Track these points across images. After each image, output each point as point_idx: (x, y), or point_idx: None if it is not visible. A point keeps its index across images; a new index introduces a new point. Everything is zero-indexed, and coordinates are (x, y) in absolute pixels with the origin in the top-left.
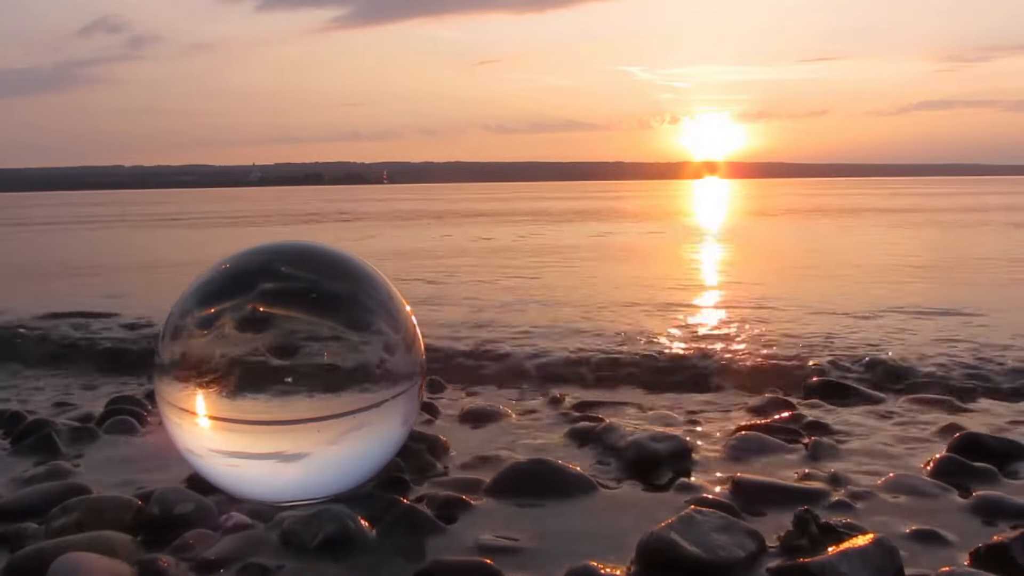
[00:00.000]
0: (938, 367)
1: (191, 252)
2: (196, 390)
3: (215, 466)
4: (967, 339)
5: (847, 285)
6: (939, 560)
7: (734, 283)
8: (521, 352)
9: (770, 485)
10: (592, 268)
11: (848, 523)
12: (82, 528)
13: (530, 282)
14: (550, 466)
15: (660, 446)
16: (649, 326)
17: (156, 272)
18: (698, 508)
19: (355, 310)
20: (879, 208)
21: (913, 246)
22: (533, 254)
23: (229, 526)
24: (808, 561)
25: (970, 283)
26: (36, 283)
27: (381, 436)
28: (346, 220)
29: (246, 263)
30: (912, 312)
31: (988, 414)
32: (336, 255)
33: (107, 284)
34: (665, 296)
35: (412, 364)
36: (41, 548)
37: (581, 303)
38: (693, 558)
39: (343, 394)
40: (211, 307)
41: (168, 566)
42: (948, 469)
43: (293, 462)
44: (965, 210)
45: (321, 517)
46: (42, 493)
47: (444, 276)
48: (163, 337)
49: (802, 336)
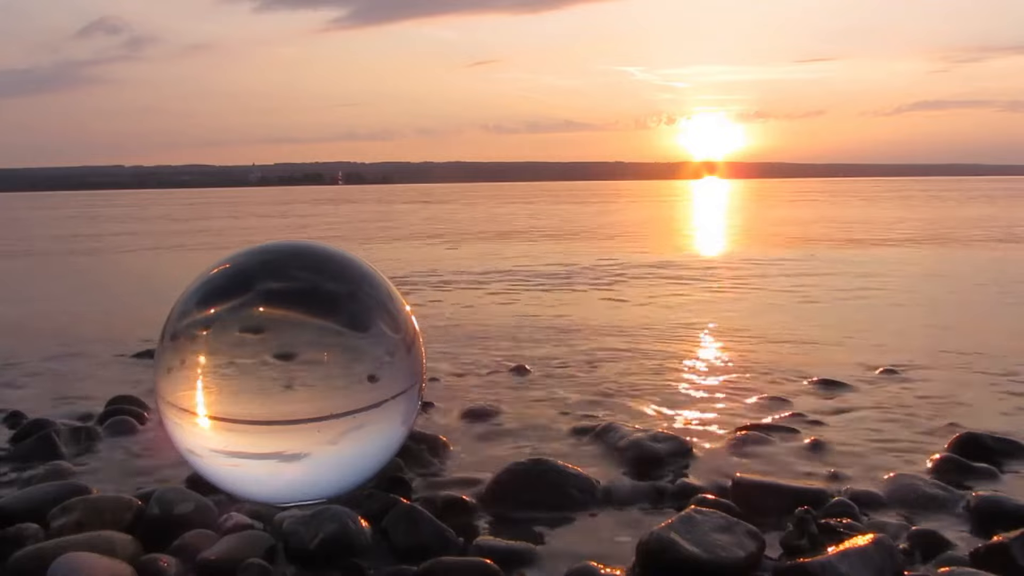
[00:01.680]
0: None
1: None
2: (196, 390)
3: (215, 466)
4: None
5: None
6: (939, 560)
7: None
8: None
9: (770, 485)
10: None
11: (848, 523)
12: (82, 528)
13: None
14: (550, 466)
15: (660, 446)
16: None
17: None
18: (698, 508)
19: (355, 310)
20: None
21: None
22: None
23: (229, 526)
24: (808, 561)
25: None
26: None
27: (381, 436)
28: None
29: (246, 263)
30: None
31: (988, 415)
32: (336, 255)
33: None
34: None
35: (412, 364)
36: (41, 548)
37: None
38: (693, 558)
39: (343, 394)
40: (211, 307)
41: (168, 566)
42: (948, 469)
43: (293, 462)
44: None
45: (321, 517)
46: (42, 493)
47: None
48: (163, 337)
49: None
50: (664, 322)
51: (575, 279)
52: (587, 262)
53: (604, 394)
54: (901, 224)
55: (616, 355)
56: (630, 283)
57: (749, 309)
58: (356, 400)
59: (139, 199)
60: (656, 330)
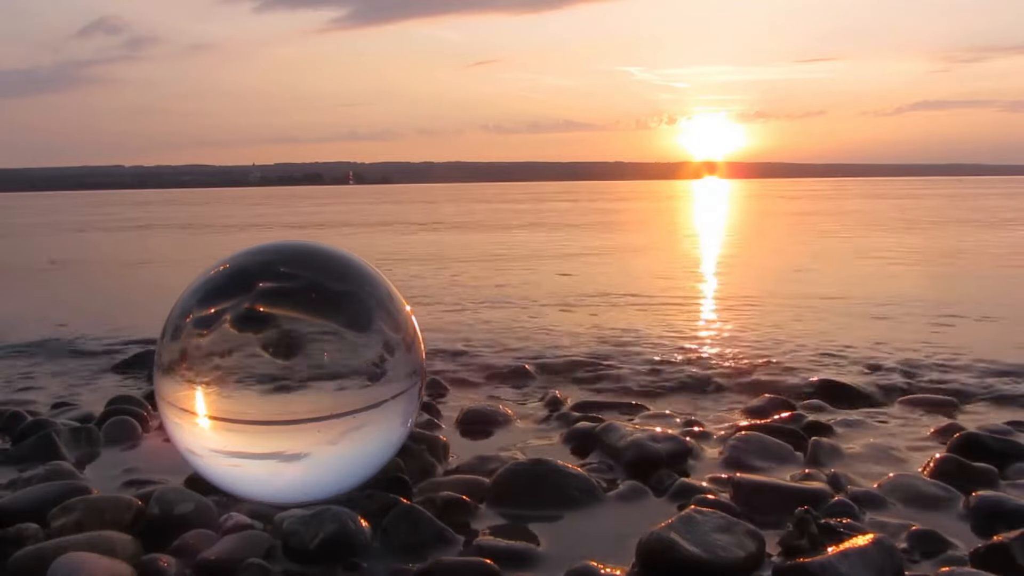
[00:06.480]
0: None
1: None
2: (196, 390)
3: (215, 466)
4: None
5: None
6: (939, 560)
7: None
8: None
9: (770, 485)
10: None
11: (848, 523)
12: (82, 528)
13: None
14: (550, 466)
15: (660, 446)
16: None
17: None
18: (698, 508)
19: (355, 310)
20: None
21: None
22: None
23: (229, 526)
24: (808, 561)
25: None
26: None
27: (381, 436)
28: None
29: (246, 263)
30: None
31: (987, 415)
32: (336, 254)
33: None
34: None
35: (412, 364)
36: (41, 548)
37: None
38: (693, 558)
39: (343, 394)
40: (211, 307)
41: (168, 566)
42: (948, 469)
43: (293, 462)
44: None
45: (321, 517)
46: (42, 493)
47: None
48: (163, 337)
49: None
50: (651, 318)
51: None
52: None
53: (605, 393)
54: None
55: (617, 355)
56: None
57: (748, 310)
58: (356, 400)
59: (140, 198)
60: (646, 327)
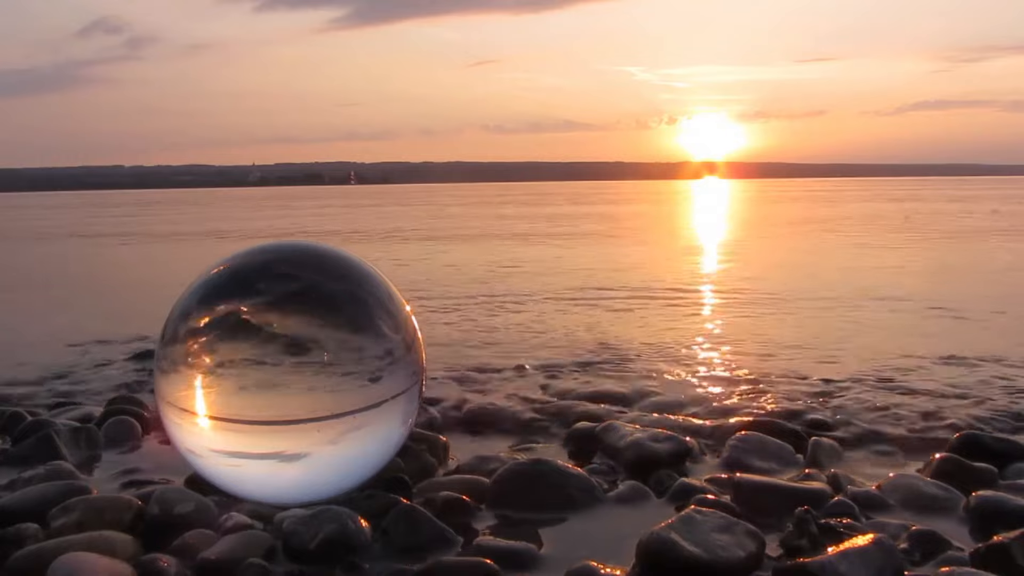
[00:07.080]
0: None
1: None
2: (196, 390)
3: (215, 466)
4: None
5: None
6: (939, 560)
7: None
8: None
9: (770, 485)
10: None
11: (848, 523)
12: (82, 528)
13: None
14: (550, 467)
15: (660, 446)
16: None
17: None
18: (698, 508)
19: (355, 310)
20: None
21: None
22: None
23: (229, 526)
24: (808, 561)
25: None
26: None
27: (381, 436)
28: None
29: (246, 263)
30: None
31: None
32: (336, 255)
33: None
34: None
35: (412, 364)
36: (41, 548)
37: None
38: (693, 558)
39: (343, 394)
40: (211, 307)
41: (168, 566)
42: (948, 469)
43: (293, 462)
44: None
45: (321, 517)
46: (42, 493)
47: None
48: (163, 337)
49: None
50: (646, 322)
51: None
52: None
53: (604, 392)
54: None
55: (616, 356)
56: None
57: (748, 312)
58: (356, 400)
59: (139, 198)
60: (649, 330)
